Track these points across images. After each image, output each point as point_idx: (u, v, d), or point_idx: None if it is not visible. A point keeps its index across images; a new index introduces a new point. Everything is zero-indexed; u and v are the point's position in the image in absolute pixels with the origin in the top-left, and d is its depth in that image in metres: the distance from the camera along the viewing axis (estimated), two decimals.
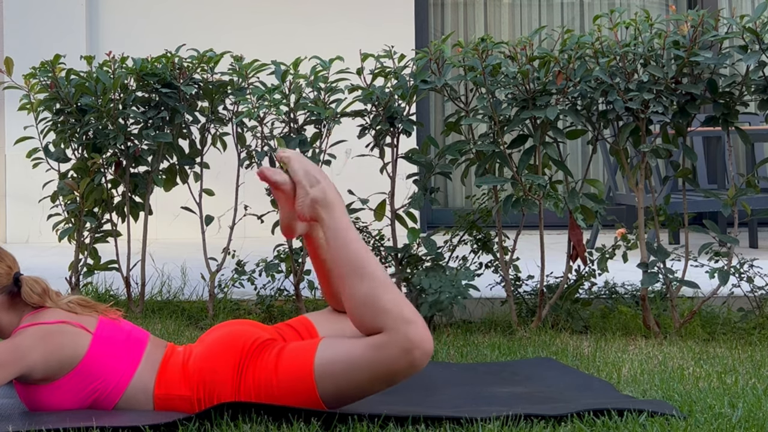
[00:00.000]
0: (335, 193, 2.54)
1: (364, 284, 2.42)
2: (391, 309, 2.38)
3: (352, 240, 2.48)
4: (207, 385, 2.46)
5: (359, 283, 2.42)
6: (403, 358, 2.36)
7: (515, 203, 3.82)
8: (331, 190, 2.54)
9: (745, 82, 3.69)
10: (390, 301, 2.39)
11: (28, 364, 2.43)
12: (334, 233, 2.49)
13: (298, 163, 2.57)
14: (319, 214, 2.52)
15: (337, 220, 2.50)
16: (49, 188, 4.35)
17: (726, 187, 6.18)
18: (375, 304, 2.39)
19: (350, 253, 2.46)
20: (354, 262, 2.44)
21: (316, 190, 2.53)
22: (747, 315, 3.86)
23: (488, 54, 3.80)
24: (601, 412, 2.41)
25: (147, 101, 4.09)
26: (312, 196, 2.52)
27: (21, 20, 6.86)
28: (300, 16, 7.03)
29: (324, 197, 2.52)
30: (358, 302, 2.42)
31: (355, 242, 2.47)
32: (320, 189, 2.53)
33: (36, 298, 2.57)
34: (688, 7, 7.44)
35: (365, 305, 2.40)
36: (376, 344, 2.38)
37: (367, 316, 2.40)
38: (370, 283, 2.42)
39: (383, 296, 2.40)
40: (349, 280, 2.44)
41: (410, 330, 2.36)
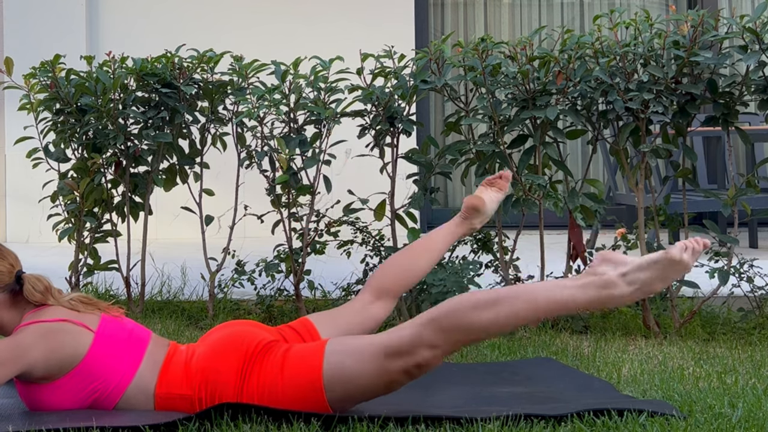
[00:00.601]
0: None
1: (485, 314, 2.38)
2: (432, 328, 2.38)
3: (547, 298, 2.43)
4: (209, 385, 2.46)
5: (484, 311, 2.39)
6: (415, 370, 2.40)
7: (515, 203, 3.82)
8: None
9: (745, 82, 3.69)
10: (436, 321, 2.39)
11: (29, 362, 2.43)
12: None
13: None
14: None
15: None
16: (49, 188, 4.35)
17: (726, 187, 6.18)
18: (427, 315, 2.41)
19: (529, 298, 2.42)
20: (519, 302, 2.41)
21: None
22: (747, 315, 3.86)
23: (488, 54, 3.80)
24: (601, 412, 2.41)
25: (147, 101, 4.09)
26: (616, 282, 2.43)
27: (21, 20, 6.86)
28: (300, 16, 7.03)
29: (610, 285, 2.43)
30: (450, 312, 2.39)
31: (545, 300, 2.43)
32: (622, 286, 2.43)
33: (38, 296, 2.56)
34: (688, 7, 7.44)
35: (447, 317, 2.38)
36: (386, 354, 2.38)
37: (434, 321, 2.39)
38: (489, 316, 2.39)
39: (465, 324, 2.38)
40: (486, 300, 2.40)
41: (429, 354, 2.38)
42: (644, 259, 2.41)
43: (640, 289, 2.40)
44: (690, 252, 2.38)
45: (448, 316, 2.38)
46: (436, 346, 2.37)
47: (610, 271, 2.42)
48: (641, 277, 2.39)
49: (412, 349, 2.38)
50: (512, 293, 2.42)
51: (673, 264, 2.38)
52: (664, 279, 2.40)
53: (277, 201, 4.05)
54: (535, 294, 2.41)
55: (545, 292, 2.41)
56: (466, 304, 2.38)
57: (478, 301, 2.39)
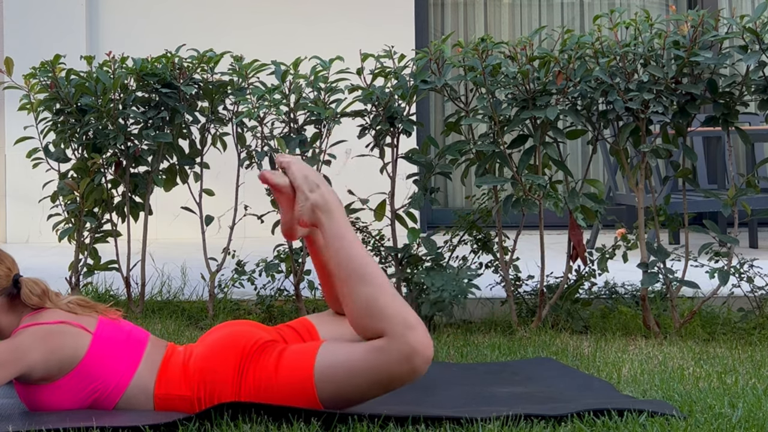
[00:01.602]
0: (335, 198, 2.54)
1: (366, 288, 2.41)
2: (392, 314, 2.38)
3: (352, 244, 2.48)
4: (207, 385, 2.46)
5: (360, 287, 2.42)
6: (404, 364, 2.36)
7: (515, 203, 3.82)
8: (331, 195, 2.54)
9: (745, 82, 3.69)
10: (391, 306, 2.39)
11: (27, 364, 2.43)
12: (334, 238, 2.49)
13: (298, 169, 2.57)
14: (319, 218, 2.52)
15: (337, 225, 2.50)
16: (49, 188, 4.35)
17: (726, 187, 6.18)
18: (376, 308, 2.39)
19: (351, 257, 2.46)
20: (355, 267, 2.44)
21: (315, 195, 2.53)
22: (747, 315, 3.86)
23: (488, 54, 3.80)
24: (601, 412, 2.41)
25: (147, 101, 4.09)
26: (312, 201, 2.52)
27: (21, 20, 6.86)
28: (300, 16, 7.03)
29: (324, 202, 2.52)
30: (359, 306, 2.41)
31: (355, 247, 2.47)
32: (320, 194, 2.53)
33: (35, 299, 2.57)
34: (688, 7, 7.44)
35: (366, 309, 2.40)
36: (376, 348, 2.38)
37: (368, 321, 2.40)
38: (371, 287, 2.41)
39: (385, 301, 2.40)
40: (350, 284, 2.43)
41: (411, 336, 2.36)
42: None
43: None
44: None
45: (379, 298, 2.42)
46: (412, 326, 2.37)
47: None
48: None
49: (394, 333, 2.37)
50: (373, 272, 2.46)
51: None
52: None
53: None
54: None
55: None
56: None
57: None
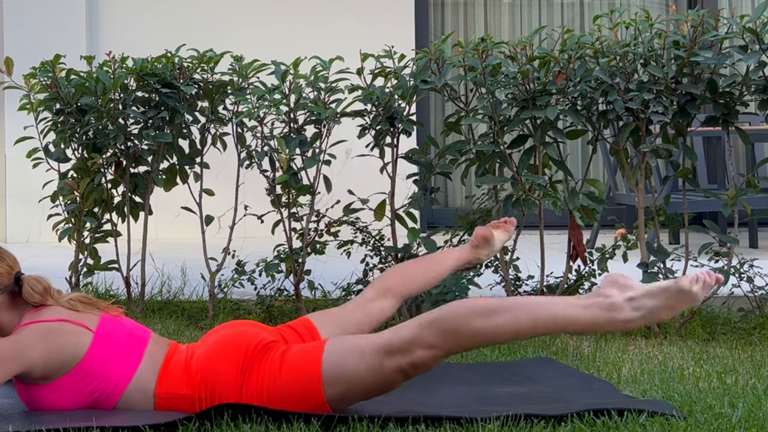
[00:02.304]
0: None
1: (493, 321, 2.39)
2: (432, 330, 2.39)
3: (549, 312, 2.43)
4: (209, 385, 2.46)
5: (493, 317, 2.39)
6: (412, 370, 2.40)
7: (515, 203, 3.82)
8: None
9: (745, 82, 3.69)
10: (440, 323, 2.39)
11: (28, 362, 2.43)
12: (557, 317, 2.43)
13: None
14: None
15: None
16: (49, 188, 4.35)
17: (726, 187, 6.18)
18: (427, 317, 2.41)
19: (538, 312, 2.41)
20: (530, 316, 2.41)
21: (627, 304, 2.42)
22: (747, 315, 3.86)
23: (488, 54, 3.80)
24: (601, 412, 2.41)
25: (147, 101, 4.09)
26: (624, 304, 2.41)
27: (21, 20, 6.86)
28: (300, 17, 7.03)
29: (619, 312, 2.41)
30: (457, 318, 2.40)
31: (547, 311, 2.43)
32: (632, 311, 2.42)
33: (37, 297, 2.56)
34: (688, 7, 7.44)
35: (455, 323, 2.38)
36: (385, 351, 2.39)
37: (430, 323, 2.40)
38: (495, 324, 2.39)
39: (468, 330, 2.38)
40: (495, 309, 2.40)
41: (426, 354, 2.38)
42: (653, 286, 2.39)
43: (645, 315, 2.38)
44: (701, 284, 2.36)
45: (450, 319, 2.38)
46: (435, 347, 2.37)
47: (617, 294, 2.39)
48: (648, 304, 2.37)
49: (410, 349, 2.38)
50: (515, 304, 2.42)
51: (682, 294, 2.35)
52: (671, 308, 2.38)
53: (277, 201, 4.05)
54: (538, 308, 2.40)
55: (548, 307, 2.40)
56: (469, 310, 2.38)
57: (481, 307, 2.39)
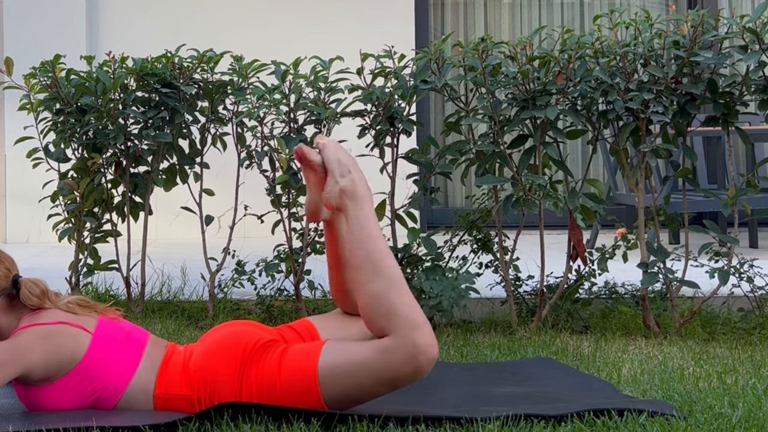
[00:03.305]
0: (365, 187, 2.53)
1: (379, 282, 2.41)
2: (401, 311, 2.38)
3: (374, 235, 2.47)
4: (208, 385, 2.46)
5: (374, 280, 2.42)
6: (408, 364, 2.37)
7: (515, 203, 3.82)
8: (362, 182, 2.53)
9: (745, 82, 3.69)
10: (401, 303, 2.39)
11: (27, 365, 2.43)
12: (358, 226, 2.48)
13: (333, 151, 2.57)
14: (346, 204, 2.51)
15: (363, 214, 2.49)
16: (49, 188, 4.35)
17: (726, 187, 6.18)
18: (386, 303, 2.39)
19: (370, 248, 2.45)
20: (372, 258, 2.44)
21: (346, 180, 2.52)
22: (747, 315, 3.86)
23: (488, 54, 3.80)
24: (601, 412, 2.41)
25: (147, 101, 4.09)
26: (341, 186, 2.52)
27: (21, 20, 6.86)
28: (300, 16, 7.03)
29: (353, 188, 2.51)
30: (370, 299, 2.42)
31: (376, 238, 2.47)
32: (350, 179, 2.52)
33: (35, 299, 2.56)
34: (688, 7, 7.44)
35: (376, 304, 2.40)
36: (381, 348, 2.38)
37: (376, 315, 2.40)
38: (384, 282, 2.41)
39: (395, 297, 2.40)
40: (364, 275, 2.43)
41: (417, 335, 2.36)
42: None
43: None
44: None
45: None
46: (419, 326, 2.37)
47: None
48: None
49: (400, 334, 2.38)
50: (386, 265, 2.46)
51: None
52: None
53: (277, 201, 4.05)
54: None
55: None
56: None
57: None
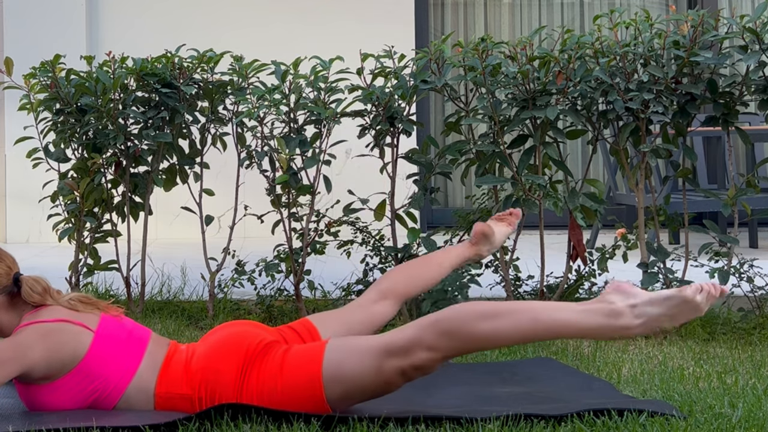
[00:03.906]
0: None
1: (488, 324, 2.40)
2: (430, 331, 2.39)
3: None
4: (209, 384, 2.46)
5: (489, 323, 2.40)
6: (413, 371, 2.40)
7: (515, 203, 3.82)
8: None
9: (745, 82, 3.69)
10: (436, 325, 2.40)
11: (28, 363, 2.43)
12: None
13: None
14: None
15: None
16: (49, 188, 4.35)
17: (726, 187, 6.18)
18: (428, 318, 2.41)
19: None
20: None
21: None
22: (747, 315, 3.86)
23: (488, 54, 3.80)
24: (601, 412, 2.41)
25: (147, 101, 4.09)
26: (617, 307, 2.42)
27: (21, 20, 6.86)
28: (300, 17, 7.03)
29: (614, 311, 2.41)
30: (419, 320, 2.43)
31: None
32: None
33: (36, 297, 2.56)
34: (688, 7, 7.44)
35: (446, 323, 2.39)
36: (386, 352, 2.39)
37: (431, 325, 2.41)
38: (493, 324, 2.40)
39: (440, 317, 2.40)
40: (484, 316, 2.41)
41: (426, 356, 2.38)
42: (656, 294, 2.38)
43: (646, 323, 2.37)
44: (705, 295, 2.35)
45: (451, 321, 2.38)
46: (435, 349, 2.37)
47: (620, 301, 2.39)
48: (650, 312, 2.36)
49: (411, 350, 2.38)
50: (516, 308, 2.42)
51: (685, 303, 2.35)
52: (673, 317, 2.37)
53: (277, 201, 4.05)
54: (539, 311, 2.41)
55: (549, 311, 2.40)
56: (470, 313, 2.39)
57: (481, 310, 2.40)
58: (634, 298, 2.39)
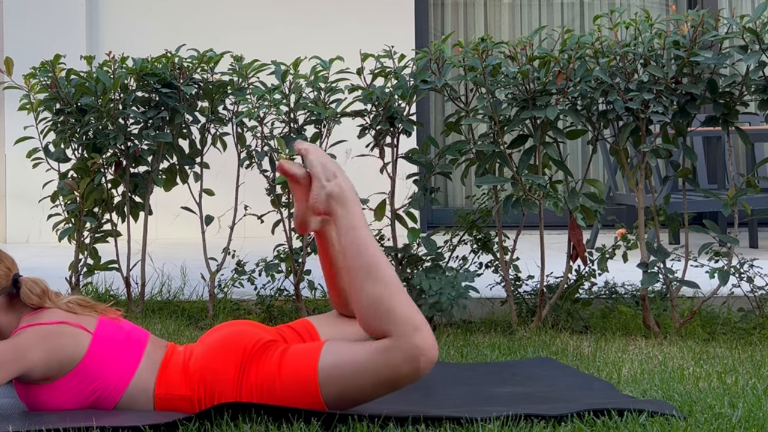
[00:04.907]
0: (351, 189, 2.51)
1: (375, 286, 2.40)
2: (400, 314, 2.37)
3: (365, 238, 2.46)
4: (208, 385, 2.46)
5: (370, 285, 2.40)
6: (408, 365, 2.36)
7: (515, 203, 3.82)
8: (348, 185, 2.52)
9: (745, 82, 3.69)
10: (399, 306, 2.38)
11: (27, 365, 2.43)
12: (348, 230, 2.47)
13: (316, 156, 2.55)
14: (334, 208, 2.50)
15: (352, 217, 2.48)
16: (49, 188, 4.35)
17: (726, 187, 6.18)
18: (384, 307, 2.38)
19: (362, 251, 2.44)
20: (366, 262, 2.42)
21: (332, 184, 2.51)
22: (747, 315, 3.86)
23: (488, 54, 3.80)
24: (601, 412, 2.41)
25: (147, 101, 4.09)
26: (327, 190, 2.51)
27: (21, 20, 6.86)
28: (300, 17, 7.03)
29: (340, 192, 2.50)
30: (367, 303, 2.40)
31: (368, 242, 2.45)
32: (336, 183, 2.51)
33: (35, 299, 2.56)
34: (688, 7, 7.44)
35: (374, 307, 2.39)
36: (381, 349, 2.38)
37: (374, 318, 2.39)
38: (380, 285, 2.40)
39: (393, 300, 2.39)
40: (360, 280, 2.42)
41: (417, 337, 2.36)
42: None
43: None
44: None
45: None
46: (418, 327, 2.37)
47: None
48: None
49: (401, 334, 2.37)
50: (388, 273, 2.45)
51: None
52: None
53: (277, 201, 4.05)
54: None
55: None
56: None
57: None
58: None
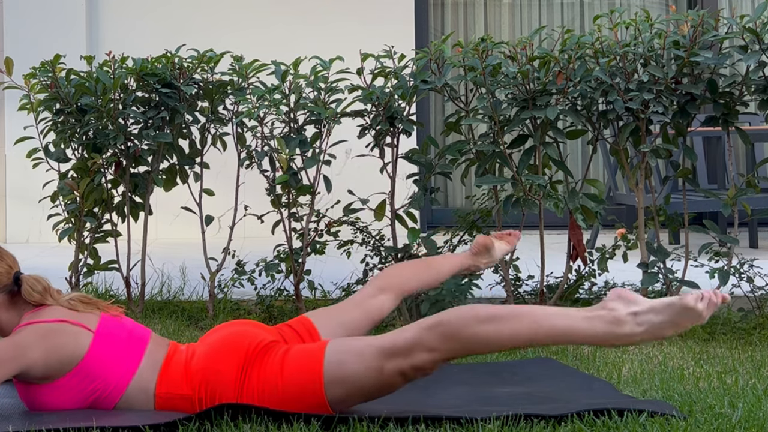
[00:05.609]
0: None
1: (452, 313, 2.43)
2: (431, 332, 2.40)
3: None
4: (209, 385, 2.46)
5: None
6: (409, 374, 2.41)
7: (515, 203, 3.82)
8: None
9: (745, 82, 3.69)
10: (439, 326, 2.40)
11: (27, 363, 2.43)
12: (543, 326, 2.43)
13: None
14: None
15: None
16: (49, 188, 4.35)
17: (726, 187, 6.17)
18: (429, 320, 2.42)
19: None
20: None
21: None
22: (747, 315, 3.86)
23: (488, 54, 3.80)
24: (601, 412, 2.41)
25: (147, 101, 4.09)
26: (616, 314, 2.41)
27: (21, 20, 6.86)
28: (300, 17, 7.02)
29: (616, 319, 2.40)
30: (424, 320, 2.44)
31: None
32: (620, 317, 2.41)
33: (37, 296, 2.56)
34: (688, 7, 7.43)
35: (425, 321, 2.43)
36: (386, 353, 2.39)
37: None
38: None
39: (440, 318, 2.41)
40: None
41: (426, 357, 2.39)
42: (658, 302, 2.37)
43: (648, 331, 2.36)
44: (706, 302, 2.34)
45: (452, 323, 2.38)
46: (435, 350, 2.37)
47: (622, 308, 2.38)
48: (652, 320, 2.36)
49: (412, 351, 2.38)
50: (517, 312, 2.42)
51: (686, 311, 2.34)
52: (675, 325, 2.36)
53: (277, 201, 4.05)
54: (540, 317, 2.40)
55: (551, 317, 2.40)
56: (471, 316, 2.39)
57: (483, 314, 2.39)
58: (636, 305, 2.38)
